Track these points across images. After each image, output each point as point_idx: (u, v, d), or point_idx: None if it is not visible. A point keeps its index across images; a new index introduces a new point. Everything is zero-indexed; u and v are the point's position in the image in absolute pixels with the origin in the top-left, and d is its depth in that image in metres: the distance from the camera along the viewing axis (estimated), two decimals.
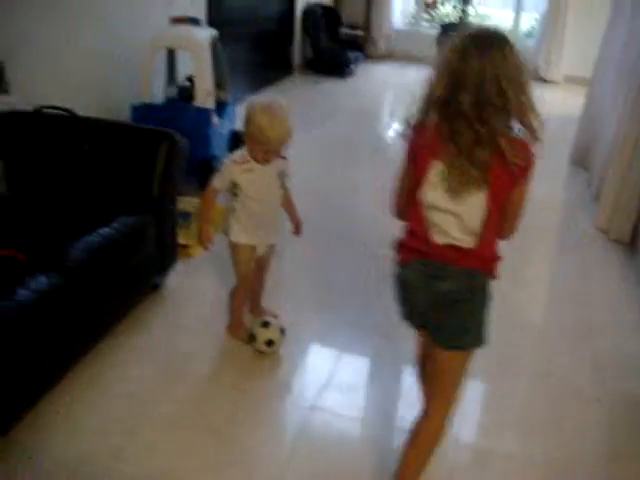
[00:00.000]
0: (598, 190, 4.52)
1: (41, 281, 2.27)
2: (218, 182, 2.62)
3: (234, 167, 2.57)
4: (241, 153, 2.59)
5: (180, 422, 2.43)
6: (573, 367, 2.91)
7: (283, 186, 2.72)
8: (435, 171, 1.76)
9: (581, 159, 5.31)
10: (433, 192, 1.78)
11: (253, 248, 2.73)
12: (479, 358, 1.95)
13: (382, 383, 2.76)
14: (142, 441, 2.32)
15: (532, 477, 2.33)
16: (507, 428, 2.56)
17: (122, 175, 2.90)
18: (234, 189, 2.62)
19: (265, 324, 2.77)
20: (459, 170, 1.72)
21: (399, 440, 2.07)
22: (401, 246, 1.93)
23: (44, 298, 2.25)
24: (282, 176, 2.68)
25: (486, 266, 1.87)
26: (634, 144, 3.99)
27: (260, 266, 2.89)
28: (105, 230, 2.63)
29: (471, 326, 1.89)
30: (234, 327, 2.90)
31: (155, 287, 3.12)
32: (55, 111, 2.98)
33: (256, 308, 3.01)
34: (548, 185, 5.13)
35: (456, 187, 1.74)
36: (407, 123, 1.83)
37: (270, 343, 2.76)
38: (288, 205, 2.80)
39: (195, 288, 3.30)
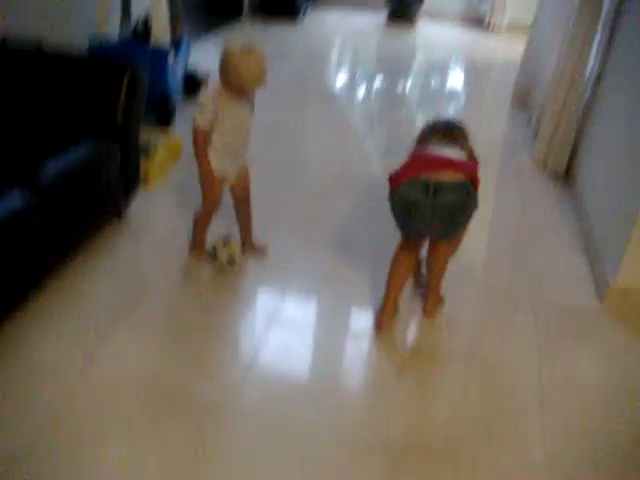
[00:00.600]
0: (536, 128, 4.80)
1: (16, 197, 2.40)
2: (202, 121, 2.69)
3: (213, 102, 2.68)
4: (216, 88, 2.70)
5: (148, 330, 2.62)
6: (511, 280, 3.19)
7: (252, 113, 2.85)
8: None
9: (522, 101, 5.57)
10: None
11: (223, 177, 2.86)
12: None
13: (333, 293, 2.98)
14: (113, 347, 2.50)
15: (471, 373, 2.60)
16: (454, 331, 2.82)
17: (88, 105, 3.01)
18: (212, 121, 2.71)
19: (226, 242, 2.95)
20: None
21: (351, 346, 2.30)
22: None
23: (20, 213, 2.39)
24: (252, 105, 2.82)
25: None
26: (569, 84, 4.25)
27: (241, 198, 3.03)
28: (73, 153, 2.77)
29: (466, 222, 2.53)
30: (196, 250, 3.06)
31: (119, 214, 3.26)
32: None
33: (248, 244, 3.13)
34: (491, 125, 5.43)
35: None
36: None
37: (231, 262, 2.95)
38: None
39: (157, 216, 3.47)
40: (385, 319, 2.71)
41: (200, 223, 3.02)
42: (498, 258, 3.37)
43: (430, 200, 2.40)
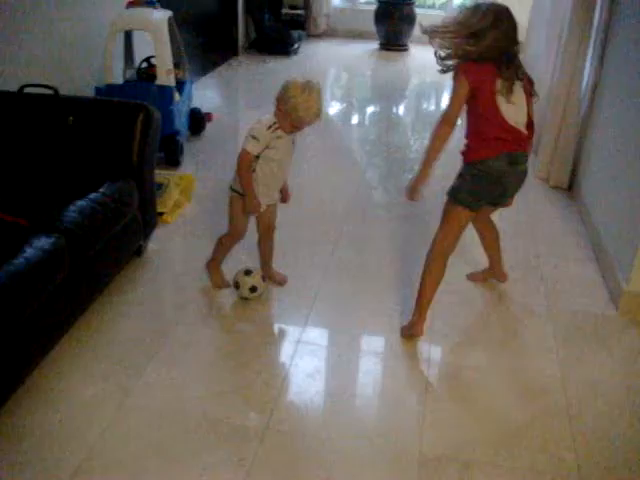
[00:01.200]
0: (536, 144, 4.88)
1: (44, 241, 2.47)
2: (254, 149, 2.75)
3: (270, 134, 2.74)
4: (271, 119, 2.76)
5: (178, 361, 2.67)
6: (526, 291, 3.26)
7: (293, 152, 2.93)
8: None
9: None
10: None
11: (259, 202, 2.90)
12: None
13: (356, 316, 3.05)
14: (147, 381, 2.56)
15: (496, 383, 2.65)
16: (474, 346, 2.88)
17: (104, 146, 3.10)
18: (260, 152, 2.78)
19: (248, 272, 3.01)
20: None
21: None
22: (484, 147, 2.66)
23: (49, 256, 2.45)
24: (294, 141, 2.90)
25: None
26: (566, 97, 4.36)
27: (266, 227, 3.07)
28: (94, 194, 2.85)
29: None
30: (211, 267, 3.14)
31: (139, 251, 3.34)
32: (38, 89, 3.17)
33: (269, 273, 3.18)
34: None
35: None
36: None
37: (254, 289, 3.01)
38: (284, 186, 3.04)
39: (175, 251, 3.54)
40: (422, 324, 2.82)
41: (222, 244, 3.09)
42: (511, 271, 3.43)
43: (513, 169, 2.68)
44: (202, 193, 4.07)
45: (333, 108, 6.49)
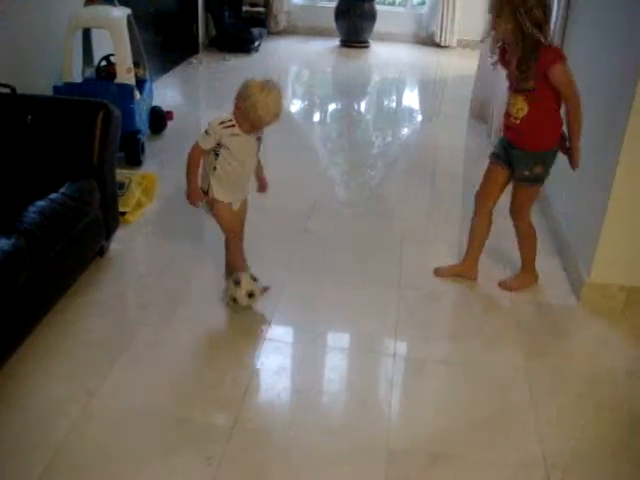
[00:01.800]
0: (496, 138, 4.94)
1: (4, 242, 2.42)
2: (205, 143, 2.73)
3: (222, 129, 2.70)
4: (228, 117, 2.72)
5: (143, 362, 2.65)
6: (491, 287, 3.31)
7: (259, 151, 2.88)
8: None
9: (479, 113, 5.72)
10: None
11: (231, 205, 2.88)
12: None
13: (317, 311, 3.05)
14: (113, 381, 2.52)
15: (461, 377, 2.68)
16: (439, 341, 2.90)
17: (64, 145, 3.05)
18: (217, 149, 2.75)
19: (237, 282, 2.86)
20: None
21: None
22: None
23: (8, 257, 2.41)
24: (260, 142, 2.85)
25: None
26: None
27: (241, 227, 3.03)
28: (54, 194, 2.80)
29: None
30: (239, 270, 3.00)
31: (101, 251, 3.29)
32: None
33: None
34: (452, 137, 5.57)
35: None
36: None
37: (251, 295, 2.87)
38: (258, 167, 2.98)
39: (137, 251, 3.51)
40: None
41: (230, 248, 3.01)
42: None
43: None
44: (164, 192, 4.02)
45: (295, 105, 6.48)
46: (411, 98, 7.36)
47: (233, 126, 2.72)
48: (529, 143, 2.93)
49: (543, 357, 2.81)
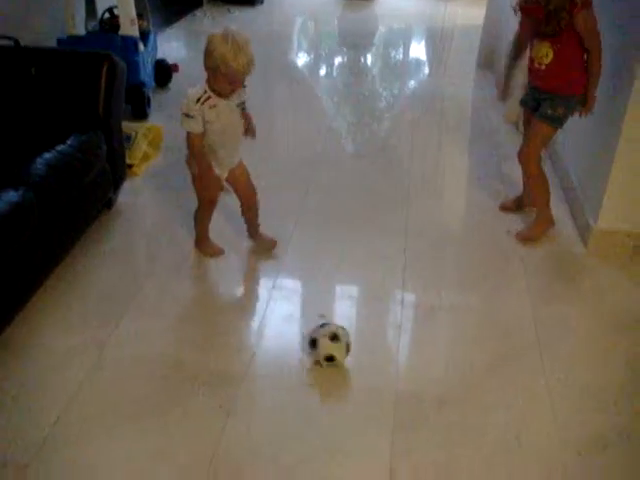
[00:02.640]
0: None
1: (13, 195, 2.44)
2: (196, 127, 2.61)
3: (201, 107, 2.59)
4: (200, 90, 2.60)
5: (153, 312, 2.68)
6: (498, 234, 3.30)
7: (244, 114, 2.78)
8: None
9: (487, 63, 5.67)
10: None
11: (218, 176, 2.79)
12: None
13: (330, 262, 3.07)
14: (124, 330, 2.56)
15: (469, 322, 2.70)
16: (447, 288, 2.92)
17: (69, 97, 3.04)
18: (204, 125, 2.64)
19: (334, 337, 2.40)
20: None
21: None
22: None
23: (18, 209, 2.42)
24: (242, 105, 2.75)
25: None
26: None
27: (244, 195, 2.95)
28: (61, 146, 2.80)
29: None
30: (200, 243, 3.03)
31: (109, 203, 3.31)
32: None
33: (255, 234, 3.09)
34: (459, 87, 5.52)
35: None
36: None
37: (331, 359, 2.40)
38: (246, 118, 2.84)
39: (145, 203, 3.51)
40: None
41: (200, 221, 2.98)
42: (479, 213, 3.47)
43: None
44: (171, 145, 4.00)
45: (300, 58, 6.43)
46: (418, 49, 7.27)
47: (209, 98, 2.60)
48: (555, 87, 2.96)
49: (550, 303, 2.83)
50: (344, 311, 2.79)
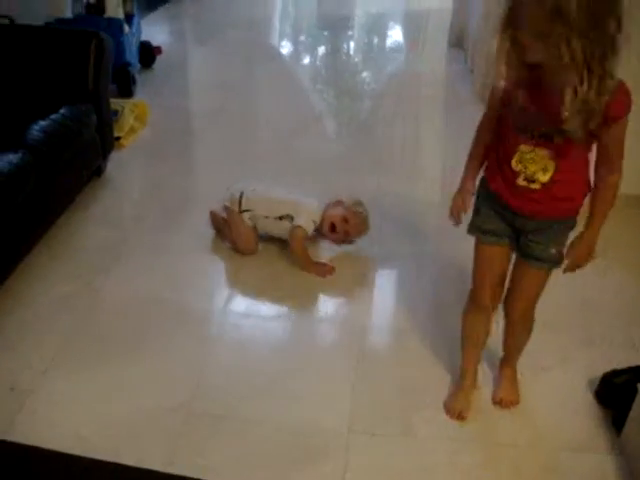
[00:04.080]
0: (473, 63, 5.19)
1: (12, 156, 2.70)
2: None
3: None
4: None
5: (142, 263, 2.95)
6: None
7: None
8: None
9: (458, 41, 5.95)
10: None
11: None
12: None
13: None
14: (114, 278, 2.83)
15: (425, 270, 3.00)
16: (401, 243, 3.20)
17: (60, 72, 3.29)
18: None
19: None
20: None
21: None
22: None
23: (17, 170, 2.68)
24: None
25: None
26: (496, 17, 4.61)
27: None
28: (55, 115, 3.06)
29: None
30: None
31: (98, 171, 3.56)
32: None
33: None
34: (431, 64, 5.80)
35: None
36: None
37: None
38: None
39: (132, 171, 3.78)
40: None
41: None
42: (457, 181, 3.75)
43: None
44: (156, 119, 4.27)
45: (280, 39, 6.69)
46: (394, 31, 7.52)
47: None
48: (556, 210, 1.91)
49: None
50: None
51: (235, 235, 2.98)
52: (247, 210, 2.96)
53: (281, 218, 2.93)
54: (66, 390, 2.27)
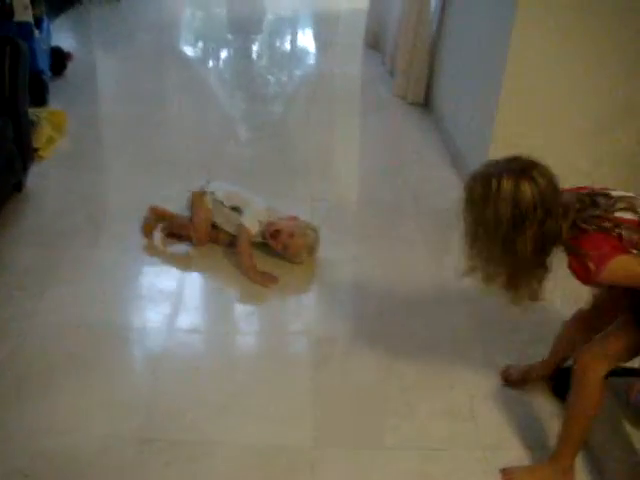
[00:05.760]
0: (391, 66, 5.20)
1: None
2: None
3: None
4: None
5: (76, 280, 2.79)
6: (394, 194, 3.58)
7: None
8: None
9: (374, 42, 5.96)
10: None
11: None
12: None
13: None
14: (49, 299, 2.67)
15: (374, 272, 2.96)
16: (351, 243, 3.16)
17: None
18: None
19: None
20: None
21: None
22: None
23: None
24: None
25: None
26: (417, 18, 4.64)
27: None
28: None
29: None
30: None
31: (19, 187, 3.35)
32: None
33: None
34: (348, 67, 5.81)
35: None
36: None
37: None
38: None
39: (54, 184, 3.57)
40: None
41: None
42: (377, 180, 3.74)
43: None
44: (74, 128, 4.08)
45: (190, 46, 6.54)
46: (306, 33, 7.49)
47: None
48: None
49: (444, 253, 3.11)
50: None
51: (194, 217, 3.01)
52: (211, 192, 3.03)
53: (233, 209, 2.98)
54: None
